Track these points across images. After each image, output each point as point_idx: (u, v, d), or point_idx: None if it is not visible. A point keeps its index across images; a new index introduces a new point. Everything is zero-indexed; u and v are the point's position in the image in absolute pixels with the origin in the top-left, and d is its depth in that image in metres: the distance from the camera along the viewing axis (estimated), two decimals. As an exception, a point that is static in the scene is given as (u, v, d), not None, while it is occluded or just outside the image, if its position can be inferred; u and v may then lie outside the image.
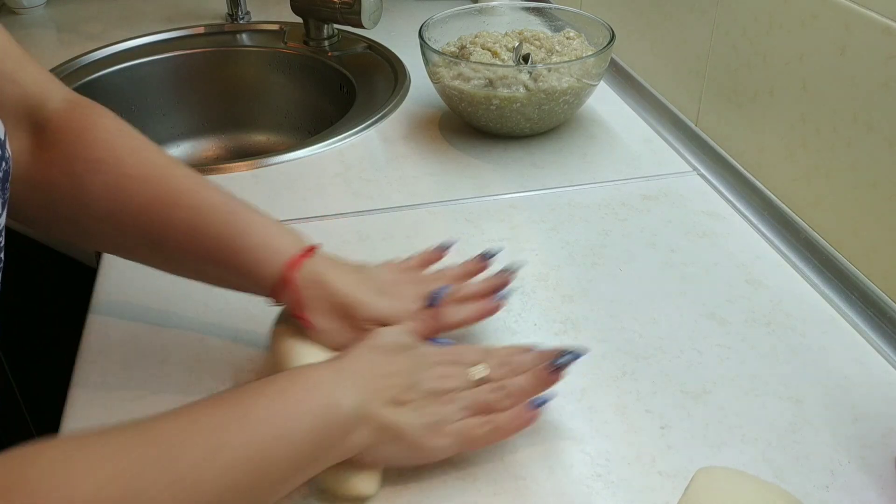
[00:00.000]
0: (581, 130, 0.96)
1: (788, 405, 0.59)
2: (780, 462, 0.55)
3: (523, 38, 0.96)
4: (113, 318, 0.68)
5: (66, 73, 1.13)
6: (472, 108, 0.90)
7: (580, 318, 0.68)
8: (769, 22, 0.76)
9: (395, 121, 0.99)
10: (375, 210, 0.82)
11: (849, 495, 0.53)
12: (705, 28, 0.87)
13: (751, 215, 0.80)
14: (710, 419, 0.58)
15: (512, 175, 0.88)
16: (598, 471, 0.54)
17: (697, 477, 0.52)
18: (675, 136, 0.94)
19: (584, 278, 0.72)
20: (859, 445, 0.56)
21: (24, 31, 1.29)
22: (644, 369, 0.62)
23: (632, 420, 0.58)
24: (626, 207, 0.82)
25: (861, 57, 0.65)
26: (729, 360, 0.63)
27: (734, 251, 0.76)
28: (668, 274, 0.73)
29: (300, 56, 1.20)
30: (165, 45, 1.22)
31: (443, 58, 0.92)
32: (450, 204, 0.83)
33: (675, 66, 0.95)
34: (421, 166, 0.89)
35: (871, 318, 0.67)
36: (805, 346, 0.65)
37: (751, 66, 0.80)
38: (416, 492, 0.53)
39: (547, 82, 0.87)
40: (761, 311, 0.68)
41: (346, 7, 1.10)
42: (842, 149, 0.69)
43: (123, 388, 0.61)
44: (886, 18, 0.62)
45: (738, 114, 0.83)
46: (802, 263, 0.74)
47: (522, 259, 0.74)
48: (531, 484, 0.53)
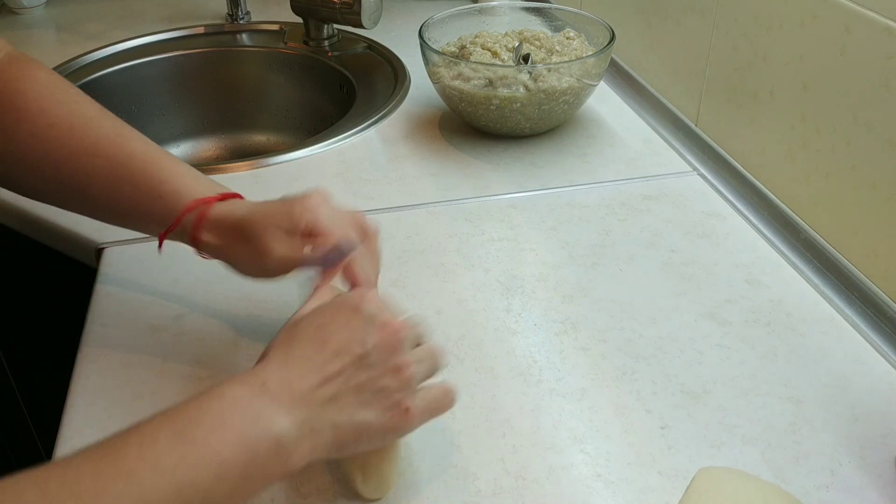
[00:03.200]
0: (581, 130, 0.96)
1: (788, 405, 0.59)
2: (780, 462, 0.55)
3: (523, 38, 0.96)
4: (113, 318, 0.68)
5: (66, 73, 1.13)
6: (472, 108, 0.90)
7: (580, 318, 0.68)
8: (769, 22, 0.76)
9: (395, 121, 0.99)
10: (375, 210, 0.82)
11: (849, 495, 0.53)
12: (705, 28, 0.87)
13: (751, 215, 0.80)
14: (710, 419, 0.58)
15: (512, 175, 0.88)
16: (598, 471, 0.54)
17: (698, 477, 0.52)
18: (675, 136, 0.94)
19: (584, 278, 0.72)
20: (859, 445, 0.56)
21: (24, 31, 1.29)
22: (644, 369, 0.62)
23: (632, 420, 0.58)
24: (626, 207, 0.82)
25: (861, 57, 0.65)
26: (729, 360, 0.63)
27: (734, 251, 0.76)
28: (668, 274, 0.73)
29: (300, 56, 1.20)
30: (165, 45, 1.22)
31: (443, 58, 0.92)
32: (450, 204, 0.83)
33: (675, 66, 0.95)
34: (421, 166, 0.89)
35: (871, 318, 0.67)
36: (805, 346, 0.65)
37: (751, 66, 0.80)
38: (416, 492, 0.53)
39: (547, 82, 0.87)
40: (761, 311, 0.68)
41: (346, 7, 1.10)
42: (842, 149, 0.69)
43: (123, 388, 0.61)
44: (886, 18, 0.62)
45: (738, 114, 0.83)
46: (802, 263, 0.74)
47: (522, 258, 0.75)
48: (531, 484, 0.53)
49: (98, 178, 0.59)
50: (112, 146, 0.59)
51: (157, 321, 0.68)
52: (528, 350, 0.64)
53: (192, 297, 0.70)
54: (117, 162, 0.59)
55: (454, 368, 0.63)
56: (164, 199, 0.59)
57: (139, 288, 0.71)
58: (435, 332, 0.66)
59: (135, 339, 0.66)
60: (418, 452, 0.55)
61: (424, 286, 0.71)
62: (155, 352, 0.65)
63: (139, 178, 0.59)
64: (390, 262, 0.74)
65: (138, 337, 0.66)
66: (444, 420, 0.56)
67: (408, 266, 0.74)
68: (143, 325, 0.67)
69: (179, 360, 0.64)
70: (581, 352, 0.64)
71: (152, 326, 0.67)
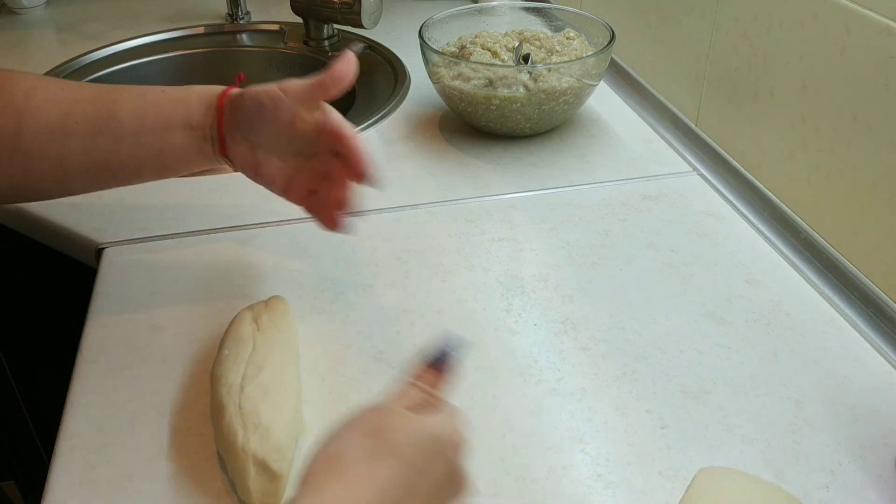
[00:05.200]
0: (581, 130, 0.96)
1: (788, 405, 0.59)
2: (780, 462, 0.55)
3: (523, 38, 0.96)
4: (113, 318, 0.68)
5: (66, 73, 1.13)
6: (472, 108, 0.90)
7: (580, 318, 0.68)
8: (769, 22, 0.76)
9: (395, 121, 0.99)
10: (375, 210, 0.82)
11: (849, 495, 0.53)
12: (705, 28, 0.87)
13: (751, 215, 0.80)
14: (710, 419, 0.58)
15: (512, 175, 0.88)
16: (598, 471, 0.54)
17: (698, 477, 0.52)
18: (675, 136, 0.94)
19: (584, 278, 0.72)
20: (859, 445, 0.56)
21: (24, 31, 1.29)
22: (644, 369, 0.62)
23: (632, 420, 0.58)
24: (626, 207, 0.82)
25: (861, 57, 0.65)
26: (729, 360, 0.63)
27: (734, 251, 0.76)
28: (668, 274, 0.73)
29: (300, 56, 1.20)
30: (165, 45, 1.22)
31: (443, 58, 0.92)
32: (450, 204, 0.83)
33: (675, 66, 0.95)
34: (421, 166, 0.89)
35: (871, 318, 0.67)
36: (805, 346, 0.65)
37: (751, 66, 0.80)
38: (416, 492, 0.53)
39: (547, 82, 0.87)
40: (761, 311, 0.68)
41: (346, 7, 1.10)
42: (842, 149, 0.69)
43: (123, 388, 0.61)
44: (886, 18, 0.62)
45: (738, 114, 0.83)
46: (802, 263, 0.74)
47: (522, 258, 0.75)
48: (531, 484, 0.53)
49: (119, 121, 0.61)
50: (114, 102, 0.62)
51: (157, 321, 0.68)
52: (528, 350, 0.64)
53: (192, 297, 0.70)
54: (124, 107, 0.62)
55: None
56: (189, 102, 0.62)
57: (139, 288, 0.71)
58: (435, 332, 0.66)
59: (135, 339, 0.66)
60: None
61: (424, 286, 0.71)
62: (155, 352, 0.65)
63: (150, 107, 0.62)
64: (390, 262, 0.74)
65: (138, 337, 0.66)
66: (444, 420, 0.56)
67: (408, 266, 0.74)
68: (143, 325, 0.67)
69: (179, 360, 0.64)
70: (581, 352, 0.64)
71: (152, 326, 0.67)
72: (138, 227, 0.79)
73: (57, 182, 0.63)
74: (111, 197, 0.81)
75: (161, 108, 0.62)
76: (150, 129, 0.61)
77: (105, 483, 0.54)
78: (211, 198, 0.83)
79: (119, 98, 0.62)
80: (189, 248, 0.76)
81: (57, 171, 0.61)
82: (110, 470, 0.55)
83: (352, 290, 0.71)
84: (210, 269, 0.74)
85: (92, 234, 0.78)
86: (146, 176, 0.65)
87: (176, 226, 0.79)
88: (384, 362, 0.63)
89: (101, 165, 0.62)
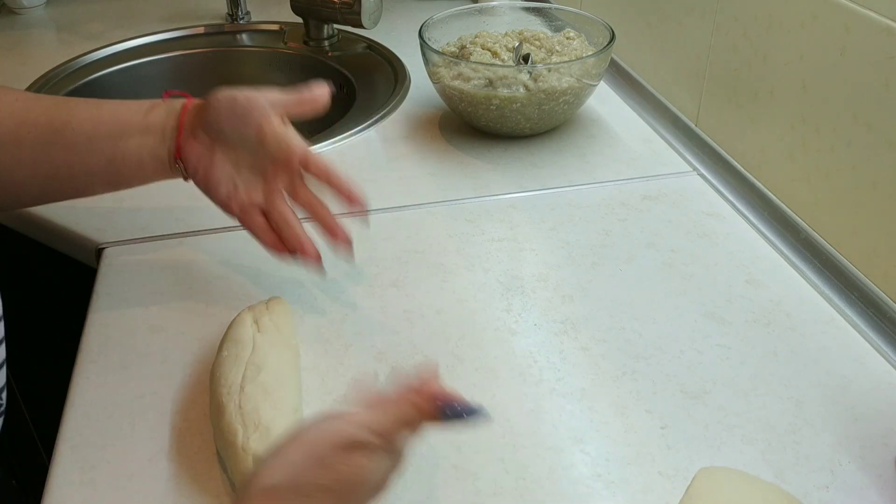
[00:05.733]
0: (581, 130, 0.96)
1: (788, 405, 0.59)
2: (780, 462, 0.55)
3: (523, 38, 0.96)
4: (113, 318, 0.68)
5: (66, 73, 1.13)
6: (472, 108, 0.90)
7: (580, 318, 0.68)
8: (769, 22, 0.76)
9: (395, 121, 0.99)
10: (375, 210, 0.82)
11: (849, 495, 0.53)
12: (705, 28, 0.87)
13: (751, 215, 0.80)
14: (710, 419, 0.58)
15: (512, 175, 0.88)
16: (598, 471, 0.54)
17: (698, 477, 0.52)
18: (675, 136, 0.94)
19: (584, 278, 0.72)
20: (859, 445, 0.56)
21: (24, 31, 1.29)
22: (644, 369, 0.62)
23: (632, 420, 0.58)
24: (626, 207, 0.82)
25: (861, 57, 0.65)
26: (729, 360, 0.63)
27: (734, 251, 0.76)
28: (668, 274, 0.73)
29: (300, 56, 1.20)
30: (165, 45, 1.22)
31: (443, 58, 0.92)
32: (450, 204, 0.83)
33: (675, 67, 0.95)
34: (421, 166, 0.89)
35: (871, 318, 0.67)
36: (805, 346, 0.65)
37: (751, 66, 0.80)
38: (416, 492, 0.53)
39: (547, 82, 0.87)
40: (761, 311, 0.68)
41: (346, 7, 1.10)
42: (842, 149, 0.69)
43: (123, 388, 0.61)
44: (886, 18, 0.62)
45: (738, 114, 0.83)
46: (802, 263, 0.74)
47: (522, 258, 0.75)
48: (531, 484, 0.53)
49: (73, 133, 0.61)
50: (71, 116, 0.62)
51: (157, 321, 0.68)
52: (528, 350, 0.64)
53: (192, 297, 0.70)
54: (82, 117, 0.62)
55: (454, 368, 0.63)
56: (151, 110, 0.63)
57: (139, 288, 0.71)
58: (435, 332, 0.66)
59: (135, 339, 0.66)
60: (419, 452, 0.55)
61: (424, 286, 0.71)
62: (155, 352, 0.65)
63: (109, 119, 0.62)
64: (390, 262, 0.74)
65: (138, 337, 0.66)
66: (444, 420, 0.56)
67: (408, 266, 0.74)
68: (143, 325, 0.67)
69: (179, 360, 0.64)
70: (581, 352, 0.64)
71: (152, 326, 0.67)
72: (138, 227, 0.79)
73: (7, 192, 0.63)
74: (111, 197, 0.80)
75: (118, 115, 0.62)
76: (105, 135, 0.62)
77: (105, 483, 0.54)
78: (211, 198, 0.83)
79: (75, 107, 0.62)
80: (189, 248, 0.76)
81: (6, 182, 0.61)
82: (110, 470, 0.55)
83: (352, 290, 0.71)
84: (210, 269, 0.74)
85: (92, 234, 0.78)
86: (97, 186, 0.65)
87: (176, 226, 0.79)
88: (384, 362, 0.63)
89: (50, 174, 0.62)
